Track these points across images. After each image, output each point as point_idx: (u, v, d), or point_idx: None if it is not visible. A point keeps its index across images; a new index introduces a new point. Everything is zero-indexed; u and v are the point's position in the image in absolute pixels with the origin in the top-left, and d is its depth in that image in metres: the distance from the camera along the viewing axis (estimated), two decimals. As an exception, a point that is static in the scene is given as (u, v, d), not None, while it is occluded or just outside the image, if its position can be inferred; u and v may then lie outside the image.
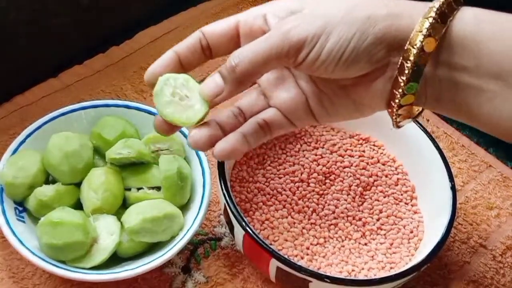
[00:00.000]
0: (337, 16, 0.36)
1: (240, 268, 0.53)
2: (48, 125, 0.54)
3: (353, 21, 0.36)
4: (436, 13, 0.35)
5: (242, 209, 0.51)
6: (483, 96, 0.35)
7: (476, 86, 0.35)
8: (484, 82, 0.35)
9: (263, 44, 0.37)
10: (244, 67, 0.37)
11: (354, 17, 0.36)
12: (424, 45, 0.35)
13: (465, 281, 0.55)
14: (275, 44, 0.36)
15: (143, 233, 0.48)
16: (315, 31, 0.36)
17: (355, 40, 0.36)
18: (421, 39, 0.35)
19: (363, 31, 0.36)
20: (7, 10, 0.58)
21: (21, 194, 0.50)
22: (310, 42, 0.36)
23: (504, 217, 0.59)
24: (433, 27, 0.35)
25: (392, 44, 0.36)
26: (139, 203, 0.50)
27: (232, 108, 0.41)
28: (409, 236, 0.52)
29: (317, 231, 0.51)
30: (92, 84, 0.65)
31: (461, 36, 0.35)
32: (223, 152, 0.39)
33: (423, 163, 0.54)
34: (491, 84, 0.35)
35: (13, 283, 0.50)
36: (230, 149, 0.39)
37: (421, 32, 0.35)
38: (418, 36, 0.35)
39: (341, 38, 0.36)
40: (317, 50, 0.36)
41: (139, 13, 0.72)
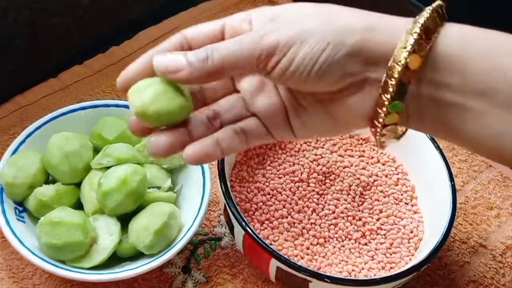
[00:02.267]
0: (313, 26, 0.36)
1: (240, 268, 0.53)
2: (48, 125, 0.54)
3: (329, 31, 0.35)
4: (420, 28, 0.34)
5: (242, 209, 0.51)
6: (467, 115, 0.35)
7: (461, 104, 0.35)
8: (468, 100, 0.34)
9: (237, 45, 0.36)
10: (218, 61, 0.36)
11: (330, 27, 0.35)
12: (408, 62, 0.34)
13: (465, 281, 0.55)
14: (248, 46, 0.36)
15: (159, 243, 0.48)
16: (288, 38, 0.35)
17: (328, 50, 0.35)
18: (406, 56, 0.34)
19: (337, 42, 0.35)
20: (7, 10, 0.58)
21: (21, 194, 0.50)
22: (282, 48, 0.35)
23: (504, 217, 0.59)
24: (418, 44, 0.34)
25: (369, 58, 0.35)
26: (140, 214, 0.50)
27: (207, 111, 0.40)
28: (409, 236, 0.52)
29: (317, 231, 0.51)
30: (92, 84, 0.65)
31: (445, 53, 0.34)
32: (192, 156, 0.37)
33: (423, 163, 0.54)
34: (476, 102, 0.34)
35: (13, 283, 0.50)
36: (200, 153, 0.37)
37: (405, 49, 0.34)
38: (403, 53, 0.34)
39: (314, 48, 0.35)
40: (289, 58, 0.35)
41: (139, 13, 0.72)
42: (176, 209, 0.51)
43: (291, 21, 0.37)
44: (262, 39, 0.36)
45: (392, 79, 0.35)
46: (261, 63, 0.36)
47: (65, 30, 0.65)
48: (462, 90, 0.34)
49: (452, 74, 0.34)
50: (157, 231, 0.48)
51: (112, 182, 0.48)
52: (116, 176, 0.48)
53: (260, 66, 0.36)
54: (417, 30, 0.34)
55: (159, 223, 0.48)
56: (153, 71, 0.38)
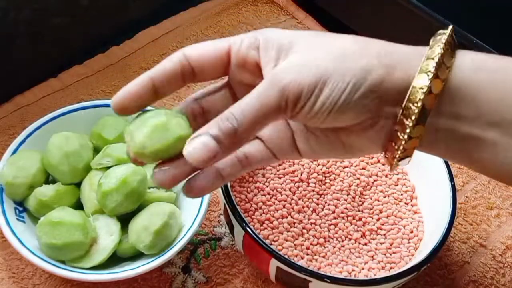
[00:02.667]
0: (330, 67, 0.35)
1: (240, 268, 0.53)
2: (48, 125, 0.54)
3: (347, 71, 0.35)
4: (434, 67, 0.33)
5: (242, 209, 0.51)
6: (481, 145, 0.35)
7: (476, 136, 0.34)
8: (483, 131, 0.34)
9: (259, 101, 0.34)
10: (244, 129, 0.34)
11: (347, 67, 0.35)
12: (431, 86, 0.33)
13: (465, 281, 0.55)
14: (273, 102, 0.34)
15: (159, 243, 0.48)
16: (309, 83, 0.34)
17: (347, 91, 0.34)
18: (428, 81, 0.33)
19: (356, 82, 0.34)
20: (7, 10, 0.58)
21: (21, 194, 0.50)
22: (306, 95, 0.35)
23: (504, 217, 0.59)
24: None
25: (384, 97, 0.35)
26: (140, 214, 0.50)
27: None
28: (409, 236, 0.52)
29: (317, 231, 0.51)
30: (92, 84, 0.65)
31: (459, 84, 0.34)
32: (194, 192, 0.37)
33: (423, 163, 0.54)
34: (491, 132, 0.34)
35: (13, 283, 0.50)
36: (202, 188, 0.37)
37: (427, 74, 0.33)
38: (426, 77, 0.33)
39: (335, 90, 0.34)
40: (312, 102, 0.35)
41: (139, 13, 0.72)
42: (176, 209, 0.51)
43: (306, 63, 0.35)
44: (286, 90, 0.34)
45: (409, 120, 0.34)
46: (287, 113, 0.35)
47: (65, 30, 0.65)
48: (477, 122, 0.34)
49: (467, 106, 0.34)
50: (157, 231, 0.48)
51: (112, 182, 0.48)
52: (116, 176, 0.48)
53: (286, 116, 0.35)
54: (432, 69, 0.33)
55: (159, 223, 0.48)
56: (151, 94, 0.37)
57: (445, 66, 0.34)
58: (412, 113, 0.34)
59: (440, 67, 0.34)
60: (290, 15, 0.75)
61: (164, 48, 0.69)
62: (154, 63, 0.67)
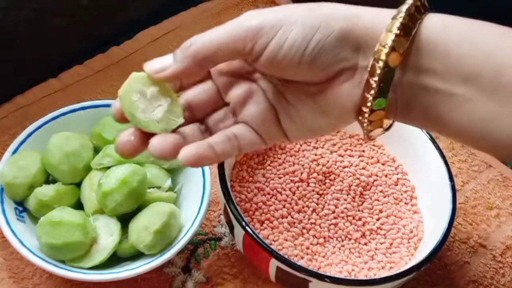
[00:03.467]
0: (298, 12, 0.36)
1: (240, 268, 0.53)
2: (48, 125, 0.54)
3: (316, 15, 0.36)
4: (406, 13, 0.34)
5: (242, 209, 0.51)
6: (453, 101, 0.35)
7: (446, 91, 0.35)
8: (453, 86, 0.35)
9: (220, 28, 0.36)
10: (198, 46, 0.36)
11: (316, 12, 0.36)
12: (395, 44, 0.34)
13: (465, 281, 0.55)
14: (232, 28, 0.36)
15: (159, 243, 0.48)
16: (275, 20, 0.36)
17: (319, 33, 0.35)
18: (392, 38, 0.34)
19: (327, 25, 0.35)
20: (7, 10, 0.58)
21: (21, 194, 0.50)
22: (269, 30, 0.36)
23: (504, 217, 0.59)
24: (404, 26, 0.34)
25: (358, 44, 0.36)
26: (140, 214, 0.50)
27: (198, 124, 0.40)
28: (409, 236, 0.52)
29: (317, 231, 0.51)
30: (92, 84, 0.65)
31: (428, 40, 0.35)
32: (187, 157, 0.37)
33: (423, 163, 0.54)
34: (461, 88, 0.34)
35: (13, 283, 0.50)
36: (196, 154, 0.37)
37: (391, 32, 0.34)
38: (389, 36, 0.34)
39: (305, 30, 0.35)
40: (279, 40, 0.36)
41: (139, 13, 0.72)
42: (176, 209, 0.51)
43: (273, 10, 0.37)
44: (246, 21, 0.36)
45: (380, 61, 0.35)
46: (247, 44, 0.36)
47: (65, 30, 0.65)
48: (447, 76, 0.35)
49: (437, 60, 0.35)
50: (157, 231, 0.48)
51: (112, 182, 0.48)
52: (116, 176, 0.48)
53: (247, 49, 0.36)
54: (403, 14, 0.34)
55: (159, 223, 0.48)
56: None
57: (411, 24, 0.34)
58: (376, 71, 0.35)
59: (405, 26, 0.34)
60: (290, 15, 0.75)
61: (164, 48, 0.69)
62: (154, 63, 0.67)
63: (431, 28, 0.35)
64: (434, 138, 0.53)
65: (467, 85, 0.34)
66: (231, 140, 0.39)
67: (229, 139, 0.39)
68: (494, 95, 0.34)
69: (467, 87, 0.34)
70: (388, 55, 0.34)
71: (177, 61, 0.37)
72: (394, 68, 0.35)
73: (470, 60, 0.34)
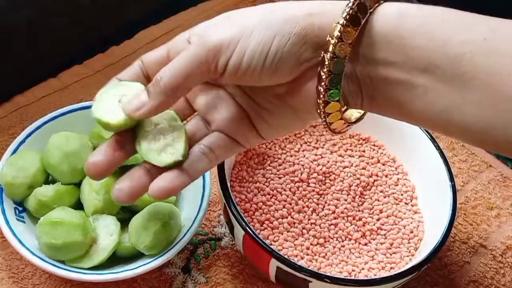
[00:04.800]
0: (253, 22, 0.36)
1: (240, 268, 0.53)
2: (48, 125, 0.54)
3: (271, 23, 0.36)
4: (354, 3, 0.35)
5: (242, 209, 0.51)
6: (414, 91, 0.35)
7: (406, 81, 0.35)
8: (413, 77, 0.35)
9: (183, 55, 0.37)
10: (168, 80, 0.37)
11: (271, 20, 0.36)
12: (342, 35, 0.35)
13: (465, 281, 0.55)
14: (193, 54, 0.37)
15: (159, 243, 0.48)
16: (231, 35, 0.36)
17: (276, 41, 0.36)
18: (339, 29, 0.35)
19: (283, 33, 0.36)
20: (7, 10, 0.58)
21: (21, 194, 0.50)
22: (228, 46, 0.36)
23: (504, 217, 0.59)
24: (352, 18, 0.35)
25: (316, 43, 0.36)
26: (140, 214, 0.49)
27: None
28: (409, 236, 0.52)
29: (317, 231, 0.51)
30: (92, 84, 0.65)
31: (384, 31, 0.35)
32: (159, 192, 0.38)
33: (423, 163, 0.54)
34: (421, 78, 0.34)
35: (13, 283, 0.50)
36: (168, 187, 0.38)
37: (339, 23, 0.35)
38: (337, 27, 0.35)
39: (261, 41, 0.36)
40: (238, 54, 0.36)
41: (139, 13, 0.72)
42: (176, 209, 0.51)
43: (230, 23, 0.37)
44: (205, 42, 0.37)
45: (328, 53, 0.35)
46: (210, 65, 0.36)
47: (65, 30, 0.65)
48: (406, 67, 0.35)
49: (393, 52, 0.35)
50: (157, 231, 0.48)
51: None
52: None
53: (212, 69, 0.37)
54: (350, 4, 0.35)
55: (159, 224, 0.48)
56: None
57: (359, 15, 0.35)
58: (325, 62, 0.35)
59: (353, 16, 0.35)
60: (290, 15, 0.75)
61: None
62: (154, 63, 0.67)
63: (385, 20, 0.35)
64: (434, 138, 0.53)
65: (426, 76, 0.34)
66: (206, 155, 0.40)
67: (204, 154, 0.40)
68: (453, 84, 0.34)
69: (426, 78, 0.34)
70: (335, 46, 0.35)
71: (152, 98, 0.38)
72: (343, 58, 0.35)
73: (426, 51, 0.34)
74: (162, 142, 0.39)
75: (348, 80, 0.37)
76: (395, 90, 0.36)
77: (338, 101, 0.37)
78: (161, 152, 0.39)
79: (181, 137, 0.39)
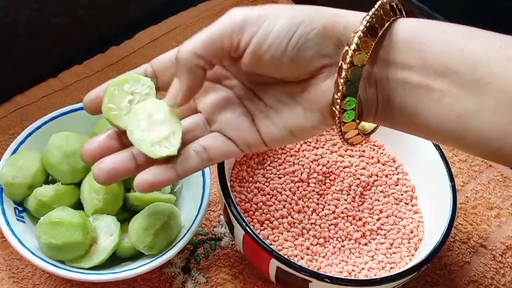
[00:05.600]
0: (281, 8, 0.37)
1: (240, 268, 0.53)
2: (48, 125, 0.53)
3: (300, 11, 0.37)
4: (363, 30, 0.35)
5: (242, 209, 0.51)
6: (431, 96, 0.35)
7: (424, 85, 0.35)
8: (431, 81, 0.35)
9: (207, 28, 0.37)
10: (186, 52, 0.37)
11: (300, 9, 0.37)
12: (360, 44, 0.35)
13: (465, 281, 0.55)
14: (219, 25, 0.37)
15: (159, 243, 0.48)
16: (259, 13, 0.37)
17: (302, 28, 0.36)
18: (357, 39, 0.35)
19: (310, 21, 0.36)
20: (7, 10, 0.58)
21: (21, 194, 0.50)
22: (255, 23, 0.36)
23: (504, 217, 0.59)
24: (370, 27, 0.35)
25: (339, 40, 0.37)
26: (140, 214, 0.49)
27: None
28: (409, 236, 0.52)
29: (317, 231, 0.51)
30: (92, 84, 0.65)
31: (404, 36, 0.36)
32: (144, 184, 0.38)
33: (423, 163, 0.54)
34: (438, 82, 0.35)
35: (13, 283, 0.50)
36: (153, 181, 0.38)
37: (357, 33, 0.35)
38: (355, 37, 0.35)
39: (288, 24, 0.36)
40: (264, 32, 0.36)
41: (139, 13, 0.72)
42: (176, 209, 0.51)
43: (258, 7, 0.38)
44: (232, 16, 0.37)
45: (346, 61, 0.35)
46: (234, 39, 0.37)
47: (65, 30, 0.65)
48: (424, 71, 0.35)
49: (413, 56, 0.36)
50: (157, 231, 0.48)
51: None
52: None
53: (234, 43, 0.37)
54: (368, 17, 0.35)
55: (159, 223, 0.48)
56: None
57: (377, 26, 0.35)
58: (342, 70, 0.36)
59: (371, 27, 0.35)
60: (290, 15, 0.75)
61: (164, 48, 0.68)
62: (154, 63, 0.67)
63: (405, 28, 0.36)
64: (434, 138, 0.53)
65: (444, 80, 0.35)
66: (199, 153, 0.40)
67: (197, 153, 0.40)
68: (470, 90, 0.34)
69: (444, 82, 0.35)
70: (353, 55, 0.35)
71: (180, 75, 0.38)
72: (360, 67, 0.36)
73: (445, 56, 0.35)
74: (158, 134, 0.39)
75: (366, 82, 0.37)
76: (411, 94, 0.36)
77: (354, 110, 0.37)
78: (155, 143, 0.39)
79: (178, 132, 0.39)
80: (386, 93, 0.37)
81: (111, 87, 0.40)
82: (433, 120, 0.36)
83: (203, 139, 0.40)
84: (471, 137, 0.35)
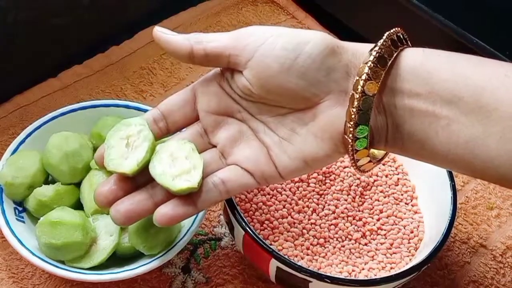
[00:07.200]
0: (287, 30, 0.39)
1: (240, 268, 0.53)
2: (48, 125, 0.53)
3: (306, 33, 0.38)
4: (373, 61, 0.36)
5: (242, 209, 0.51)
6: (439, 123, 0.36)
7: (431, 113, 0.36)
8: (437, 108, 0.36)
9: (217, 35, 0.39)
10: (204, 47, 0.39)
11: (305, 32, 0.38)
12: (370, 74, 0.36)
13: (466, 281, 0.55)
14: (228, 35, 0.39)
15: (159, 243, 0.48)
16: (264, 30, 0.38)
17: (311, 45, 0.37)
18: (367, 70, 0.36)
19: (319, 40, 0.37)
20: (7, 10, 0.58)
21: (21, 194, 0.50)
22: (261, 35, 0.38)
23: (504, 217, 0.59)
24: (379, 58, 0.36)
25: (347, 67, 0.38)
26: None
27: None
28: (409, 236, 0.52)
29: (317, 231, 0.51)
30: (92, 84, 0.65)
31: (411, 65, 0.37)
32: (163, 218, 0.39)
33: (423, 163, 0.54)
34: (444, 109, 0.36)
35: (13, 283, 0.50)
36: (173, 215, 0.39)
37: (367, 64, 0.36)
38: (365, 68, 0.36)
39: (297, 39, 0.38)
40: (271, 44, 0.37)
41: (139, 13, 0.72)
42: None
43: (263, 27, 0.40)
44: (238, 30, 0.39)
45: (357, 91, 0.36)
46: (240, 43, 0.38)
47: (65, 30, 0.65)
48: (431, 98, 0.36)
49: (420, 84, 0.36)
50: (157, 231, 0.48)
51: None
52: None
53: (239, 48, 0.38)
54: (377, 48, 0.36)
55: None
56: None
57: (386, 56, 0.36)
58: (354, 100, 0.36)
59: (380, 57, 0.36)
60: (290, 15, 0.75)
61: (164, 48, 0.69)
62: (154, 63, 0.67)
63: (411, 57, 0.37)
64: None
65: (450, 107, 0.35)
66: (217, 186, 0.40)
67: (215, 186, 0.40)
68: (477, 116, 0.35)
69: (450, 109, 0.35)
70: (364, 85, 0.36)
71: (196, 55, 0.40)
72: (372, 96, 0.36)
73: (451, 84, 0.35)
74: (179, 168, 0.40)
75: (376, 110, 0.38)
76: (419, 121, 0.37)
77: (366, 137, 0.37)
78: (176, 177, 0.40)
79: (198, 167, 0.40)
80: (395, 120, 0.38)
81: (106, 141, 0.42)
82: (441, 147, 0.37)
83: (221, 172, 0.41)
84: (479, 163, 0.35)
